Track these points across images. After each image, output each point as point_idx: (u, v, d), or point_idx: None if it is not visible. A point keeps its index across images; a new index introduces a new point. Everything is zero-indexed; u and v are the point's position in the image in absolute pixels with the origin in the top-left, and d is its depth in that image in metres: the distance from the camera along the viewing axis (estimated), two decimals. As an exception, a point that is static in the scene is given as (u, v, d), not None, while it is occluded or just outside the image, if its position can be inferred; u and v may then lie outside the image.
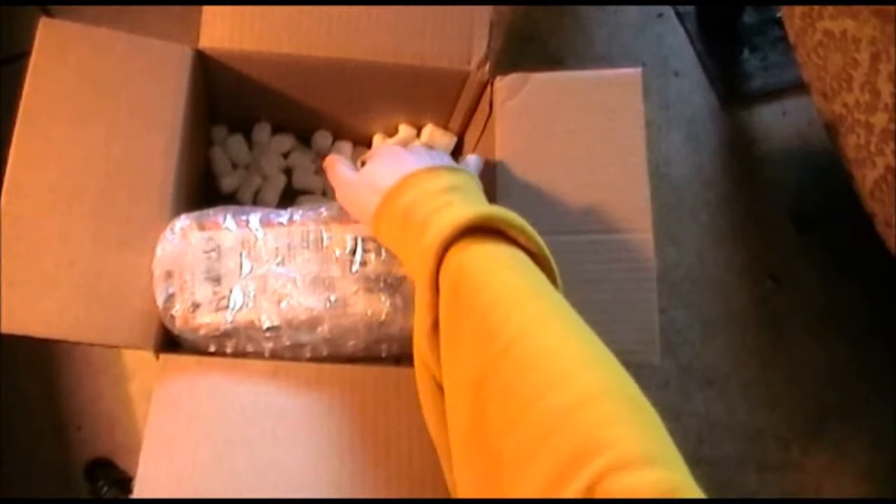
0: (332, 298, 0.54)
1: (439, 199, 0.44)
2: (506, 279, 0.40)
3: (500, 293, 0.39)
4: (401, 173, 0.47)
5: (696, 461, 1.03)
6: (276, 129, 0.76)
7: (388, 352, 0.56)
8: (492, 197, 0.60)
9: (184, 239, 0.54)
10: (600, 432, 0.32)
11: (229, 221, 0.55)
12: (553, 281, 0.43)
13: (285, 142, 0.76)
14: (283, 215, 0.57)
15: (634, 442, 0.32)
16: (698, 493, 0.31)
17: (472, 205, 0.44)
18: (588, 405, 0.33)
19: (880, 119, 0.73)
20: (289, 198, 0.76)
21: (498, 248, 0.42)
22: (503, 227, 0.42)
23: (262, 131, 0.75)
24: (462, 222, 0.41)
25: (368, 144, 0.77)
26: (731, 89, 1.18)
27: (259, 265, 0.54)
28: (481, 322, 0.38)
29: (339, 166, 0.54)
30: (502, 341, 0.37)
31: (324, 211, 0.57)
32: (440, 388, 0.42)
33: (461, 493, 0.39)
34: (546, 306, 0.39)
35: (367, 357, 0.56)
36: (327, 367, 0.54)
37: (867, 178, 0.77)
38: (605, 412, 0.33)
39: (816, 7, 0.79)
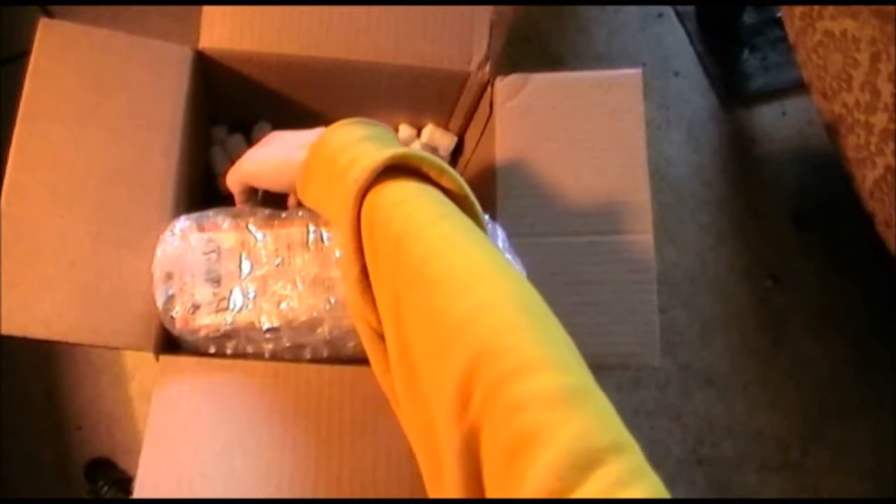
0: (332, 300, 0.54)
1: (357, 148, 0.46)
2: (412, 209, 0.41)
3: (406, 222, 0.40)
4: (307, 135, 0.51)
5: (697, 461, 1.03)
6: (276, 130, 0.76)
7: (388, 353, 0.56)
8: (492, 197, 0.60)
9: (183, 240, 0.54)
10: (495, 339, 0.33)
11: (229, 223, 0.55)
12: (475, 217, 0.44)
13: (285, 142, 0.76)
14: (283, 216, 0.57)
15: (527, 347, 0.33)
16: (596, 395, 0.32)
17: (387, 149, 0.45)
18: (484, 313, 0.34)
19: (880, 119, 0.73)
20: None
21: (407, 184, 0.43)
22: (416, 163, 0.44)
23: (262, 131, 0.75)
24: (376, 165, 0.42)
25: (368, 145, 0.77)
26: (731, 89, 1.18)
27: (259, 266, 0.54)
28: (393, 251, 0.40)
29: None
30: (411, 265, 0.38)
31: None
32: (379, 336, 0.43)
33: (403, 423, 0.40)
34: (448, 228, 0.40)
35: (367, 358, 0.56)
36: (327, 368, 0.53)
37: (867, 178, 0.77)
38: (501, 319, 0.34)
39: (816, 7, 0.79)
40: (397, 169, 0.43)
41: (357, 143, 0.46)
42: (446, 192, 0.44)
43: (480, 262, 0.38)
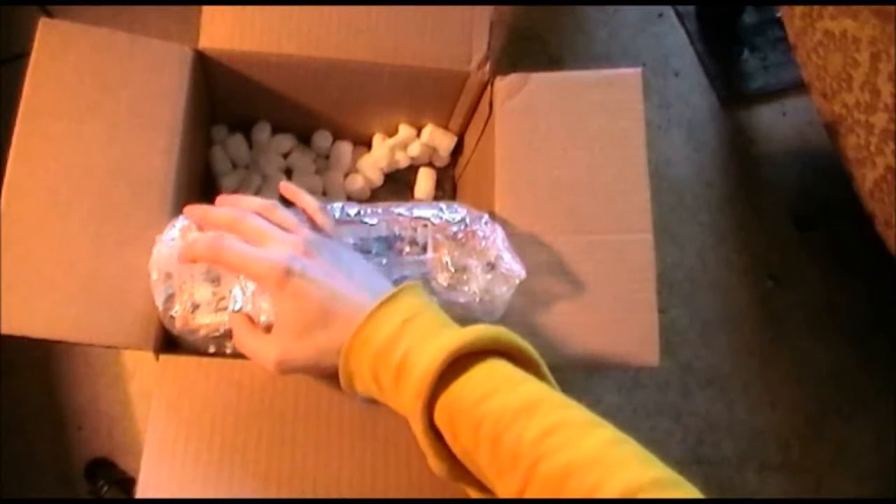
0: (332, 299, 0.54)
1: (402, 342, 0.43)
2: (494, 407, 0.40)
3: (497, 424, 0.39)
4: (335, 317, 0.45)
5: (696, 461, 1.03)
6: (276, 129, 0.76)
7: (388, 352, 0.56)
8: (491, 197, 0.60)
9: (183, 240, 0.54)
10: None
11: (229, 222, 0.55)
12: (534, 367, 0.43)
13: (285, 142, 0.76)
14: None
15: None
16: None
17: (432, 338, 0.43)
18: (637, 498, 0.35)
19: (880, 119, 0.73)
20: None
21: (473, 373, 0.42)
22: (468, 349, 0.42)
23: (262, 131, 0.75)
24: (432, 377, 0.41)
25: (368, 144, 0.77)
26: (731, 89, 1.18)
27: (259, 266, 0.54)
28: (492, 454, 0.39)
29: (259, 347, 0.48)
30: (523, 466, 0.37)
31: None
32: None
33: None
34: (547, 418, 0.39)
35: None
36: (327, 367, 0.53)
37: (867, 178, 0.77)
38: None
39: (816, 7, 0.79)
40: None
41: (399, 335, 0.43)
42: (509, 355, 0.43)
43: (603, 446, 0.37)
